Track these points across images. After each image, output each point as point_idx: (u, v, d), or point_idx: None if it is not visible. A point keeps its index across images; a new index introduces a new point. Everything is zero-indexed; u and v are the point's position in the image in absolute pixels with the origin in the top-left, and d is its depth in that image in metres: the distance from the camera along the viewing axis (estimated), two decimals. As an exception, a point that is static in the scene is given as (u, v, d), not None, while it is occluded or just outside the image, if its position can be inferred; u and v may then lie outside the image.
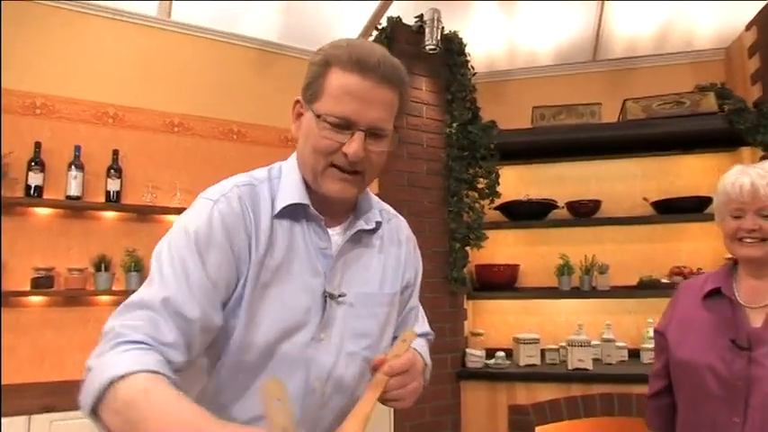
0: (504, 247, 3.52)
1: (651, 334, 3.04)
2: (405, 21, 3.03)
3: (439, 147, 3.08)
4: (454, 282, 2.98)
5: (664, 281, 3.15)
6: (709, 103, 3.03)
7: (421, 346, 1.14)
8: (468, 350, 3.11)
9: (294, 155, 1.03)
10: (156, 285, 0.84)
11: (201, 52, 3.35)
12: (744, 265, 1.36)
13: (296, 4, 3.23)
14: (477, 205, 3.10)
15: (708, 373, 1.30)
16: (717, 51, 3.51)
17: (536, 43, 3.54)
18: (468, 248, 3.08)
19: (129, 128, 3.09)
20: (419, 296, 1.20)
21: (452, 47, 3.13)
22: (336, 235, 1.02)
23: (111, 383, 0.72)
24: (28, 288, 2.68)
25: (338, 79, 0.91)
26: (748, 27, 3.27)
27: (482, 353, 3.10)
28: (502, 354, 3.09)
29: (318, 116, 0.91)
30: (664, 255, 3.32)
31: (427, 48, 2.95)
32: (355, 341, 1.00)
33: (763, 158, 2.82)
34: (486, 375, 3.02)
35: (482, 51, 3.54)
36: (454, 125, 3.05)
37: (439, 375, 2.89)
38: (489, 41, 3.54)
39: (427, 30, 2.95)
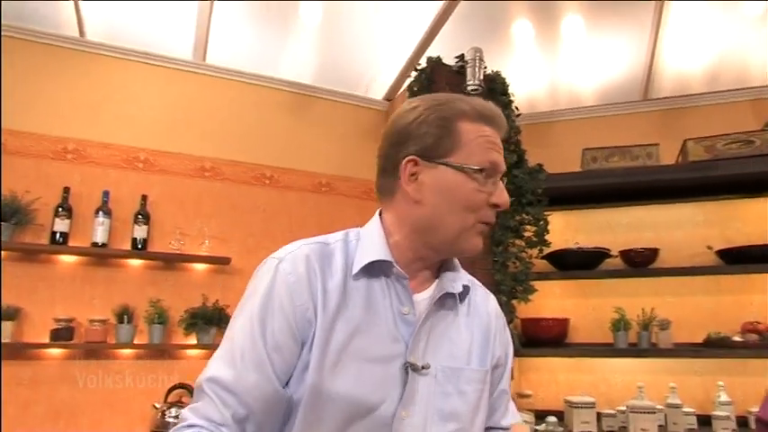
0: (552, 299, 3.25)
1: (723, 399, 2.73)
2: (445, 61, 2.91)
3: (482, 191, 2.87)
4: (500, 338, 2.72)
5: (736, 338, 2.82)
6: (780, 142, 2.77)
7: None
8: (515, 414, 2.80)
9: (374, 222, 0.96)
10: (214, 360, 0.85)
11: (235, 95, 3.27)
12: None
13: (331, 45, 3.14)
14: (524, 255, 2.87)
15: None
16: (779, 88, 3.27)
17: (580, 83, 3.37)
18: (514, 302, 2.83)
19: (159, 172, 3.00)
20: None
21: (495, 87, 2.97)
22: (420, 300, 0.92)
23: None
24: (47, 340, 2.55)
25: (474, 131, 0.90)
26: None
27: (530, 417, 2.80)
28: (554, 419, 2.77)
29: (464, 169, 0.88)
30: (732, 309, 2.98)
31: (469, 88, 2.80)
32: (442, 424, 0.88)
33: None
34: (538, 444, 2.70)
35: (523, 92, 3.39)
36: (498, 168, 2.84)
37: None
38: (530, 82, 3.38)
39: (469, 69, 2.80)
